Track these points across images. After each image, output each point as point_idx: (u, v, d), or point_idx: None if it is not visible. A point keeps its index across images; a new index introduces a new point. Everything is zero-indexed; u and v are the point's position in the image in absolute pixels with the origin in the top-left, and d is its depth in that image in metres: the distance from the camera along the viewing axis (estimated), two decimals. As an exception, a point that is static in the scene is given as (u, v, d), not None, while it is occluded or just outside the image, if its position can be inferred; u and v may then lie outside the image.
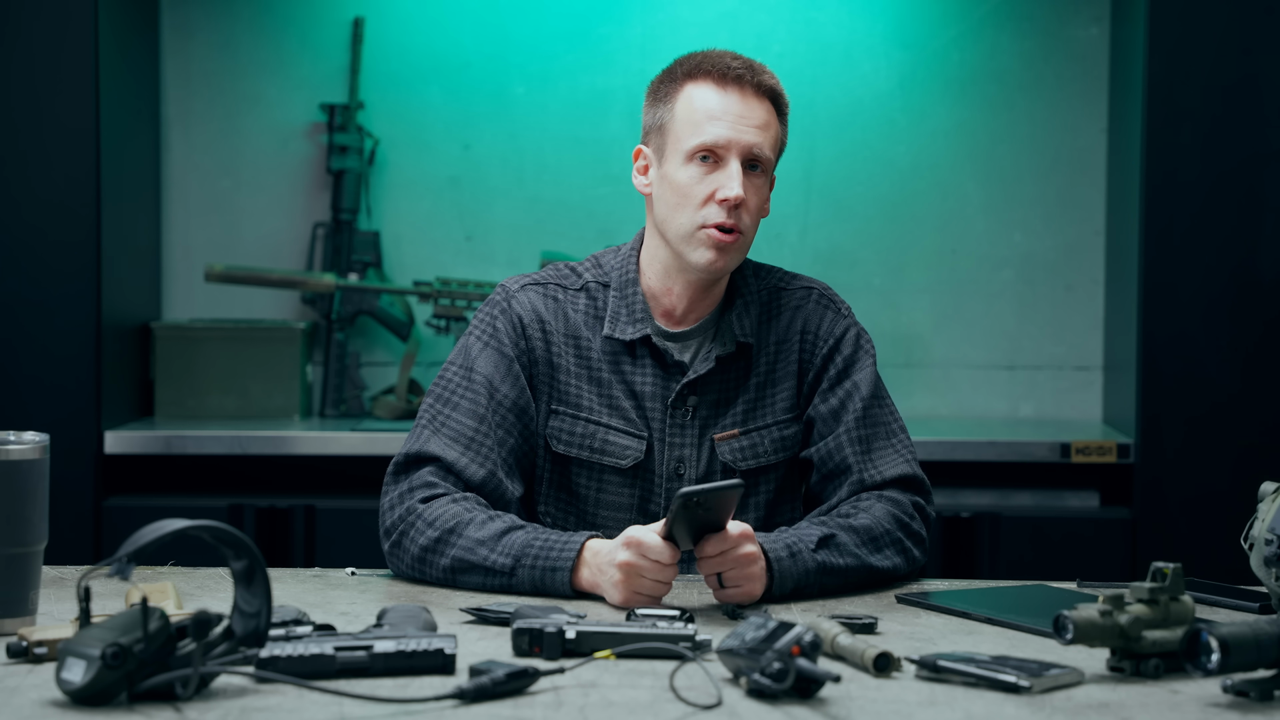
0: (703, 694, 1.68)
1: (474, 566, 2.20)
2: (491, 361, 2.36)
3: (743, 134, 2.30)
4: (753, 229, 2.34)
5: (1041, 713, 1.66)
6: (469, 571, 2.21)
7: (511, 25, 4.25)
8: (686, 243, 2.32)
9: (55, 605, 2.06)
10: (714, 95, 2.32)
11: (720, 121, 2.30)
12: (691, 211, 2.31)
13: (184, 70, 4.23)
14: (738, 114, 2.31)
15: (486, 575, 2.20)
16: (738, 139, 2.30)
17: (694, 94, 2.33)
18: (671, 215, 2.33)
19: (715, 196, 2.29)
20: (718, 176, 2.30)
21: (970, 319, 4.29)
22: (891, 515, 2.30)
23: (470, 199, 4.28)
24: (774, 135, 2.34)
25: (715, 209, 2.30)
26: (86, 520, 3.77)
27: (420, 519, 2.24)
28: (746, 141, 2.30)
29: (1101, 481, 3.93)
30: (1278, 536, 1.98)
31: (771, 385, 2.41)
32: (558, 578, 2.16)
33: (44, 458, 1.91)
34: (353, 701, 1.63)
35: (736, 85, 2.32)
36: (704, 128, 2.31)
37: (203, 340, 4.06)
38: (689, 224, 2.31)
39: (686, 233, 2.32)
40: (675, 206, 2.32)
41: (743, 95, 2.32)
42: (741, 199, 2.29)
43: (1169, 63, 3.76)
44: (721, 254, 2.31)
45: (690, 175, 2.31)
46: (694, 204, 2.31)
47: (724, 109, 2.31)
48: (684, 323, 2.40)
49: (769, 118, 2.33)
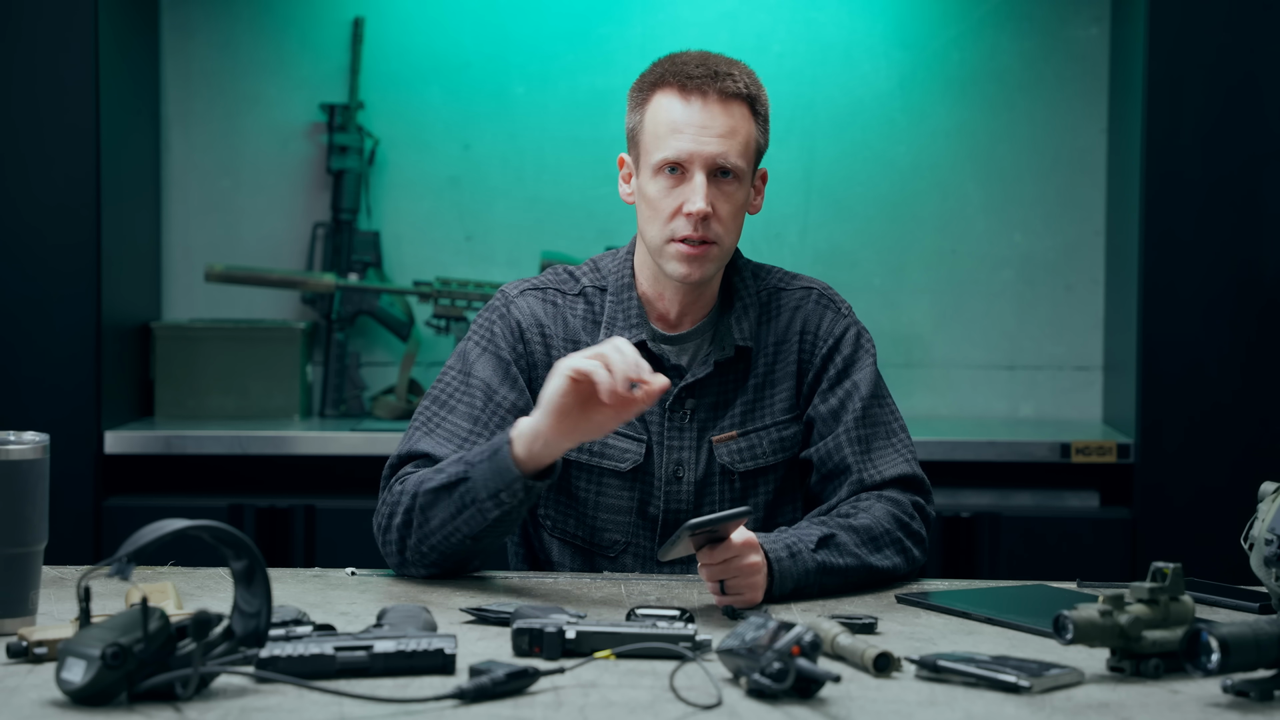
0: (703, 694, 1.68)
1: (437, 492, 2.18)
2: (490, 366, 2.35)
3: (704, 145, 2.28)
4: (729, 235, 2.32)
5: (1041, 713, 1.66)
6: (434, 502, 2.18)
7: (511, 25, 4.25)
8: (660, 255, 2.32)
9: (55, 605, 2.06)
10: (677, 106, 2.30)
11: (682, 134, 2.28)
12: (661, 224, 2.30)
13: (184, 70, 4.23)
14: (700, 124, 2.28)
15: (449, 493, 2.17)
16: (699, 151, 2.28)
17: (660, 104, 2.31)
18: (646, 227, 2.33)
19: (682, 210, 2.29)
20: (683, 190, 2.29)
21: (970, 319, 4.29)
22: (891, 515, 2.30)
23: (470, 199, 4.28)
24: (743, 140, 2.31)
25: (683, 222, 2.29)
26: (86, 520, 3.77)
27: (402, 495, 2.23)
28: (709, 153, 2.28)
29: (1101, 481, 3.93)
30: (1278, 536, 1.98)
31: (770, 386, 2.40)
32: (500, 455, 2.13)
33: (44, 458, 1.91)
34: (353, 701, 1.63)
35: (699, 94, 2.29)
36: (666, 141, 2.29)
37: (203, 340, 4.06)
38: (660, 236, 2.31)
39: (659, 245, 2.32)
40: (648, 219, 2.32)
41: (705, 104, 2.29)
42: (706, 212, 2.27)
43: (1169, 63, 3.76)
44: (693, 266, 2.30)
45: (658, 188, 2.30)
46: (663, 217, 2.30)
47: (686, 120, 2.29)
48: (680, 326, 2.40)
49: (736, 123, 2.30)
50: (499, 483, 2.14)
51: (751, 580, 2.11)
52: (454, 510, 2.18)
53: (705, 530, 2.04)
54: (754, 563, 2.10)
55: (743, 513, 2.05)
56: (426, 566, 2.24)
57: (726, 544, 2.08)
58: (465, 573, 2.27)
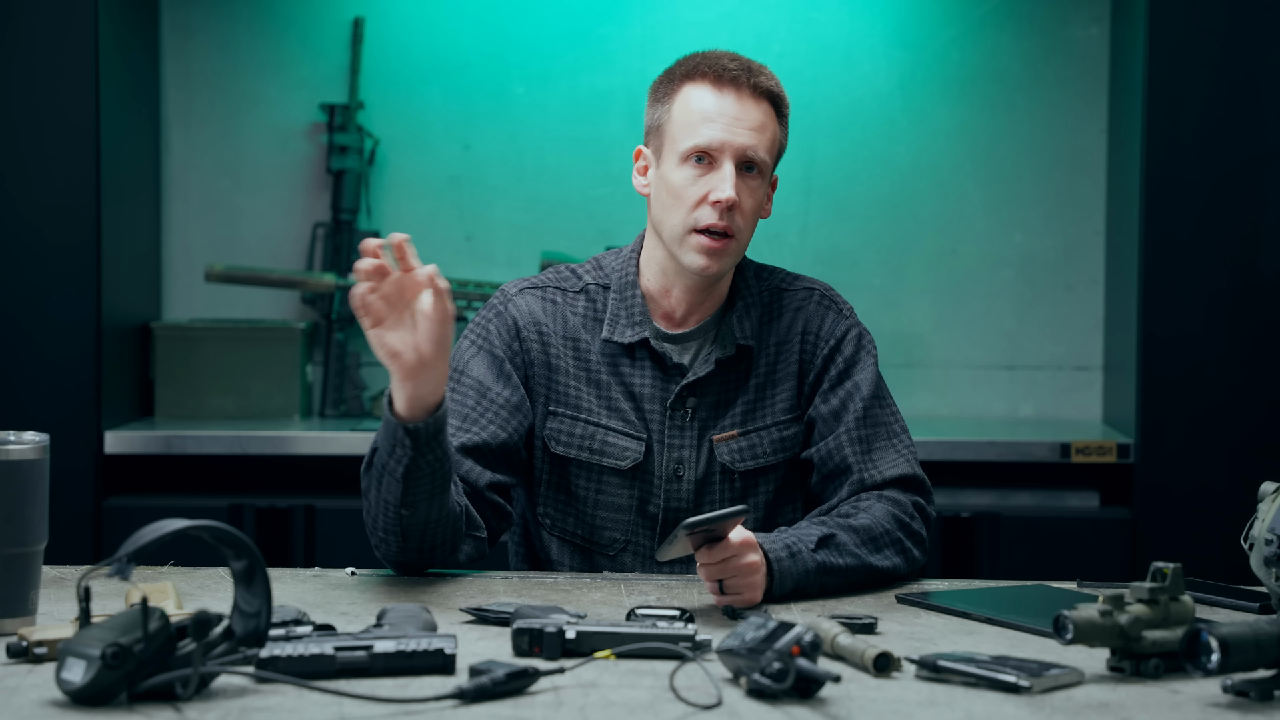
0: (703, 694, 1.68)
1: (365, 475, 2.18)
2: (484, 364, 2.36)
3: (736, 136, 2.30)
4: (748, 231, 2.33)
5: (1041, 713, 1.66)
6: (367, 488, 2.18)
7: (511, 25, 4.25)
8: (679, 245, 2.32)
9: (55, 605, 2.06)
10: (710, 97, 2.32)
11: (715, 123, 2.30)
12: (684, 213, 2.31)
13: (184, 70, 4.23)
14: (733, 116, 2.31)
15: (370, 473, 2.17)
16: (731, 141, 2.30)
17: (690, 95, 2.33)
18: (665, 216, 2.33)
19: (708, 198, 2.29)
20: (711, 178, 2.30)
21: (970, 319, 4.29)
22: (891, 515, 2.30)
23: (470, 199, 4.28)
24: (770, 137, 2.33)
25: (708, 210, 2.30)
26: (86, 520, 3.77)
27: None
28: (740, 143, 2.30)
29: (1101, 481, 3.93)
30: (1278, 536, 1.98)
31: (771, 386, 2.41)
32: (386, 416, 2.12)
33: (44, 458, 1.91)
34: (353, 701, 1.63)
35: (733, 87, 2.32)
36: (698, 129, 2.30)
37: (203, 340, 4.06)
38: (681, 226, 2.31)
39: (679, 234, 2.32)
40: (669, 207, 2.32)
41: (739, 97, 2.31)
42: (734, 201, 2.29)
43: (1169, 63, 3.76)
44: (713, 259, 2.31)
45: (684, 176, 2.31)
46: (687, 205, 2.31)
47: (719, 110, 2.31)
48: (684, 325, 2.40)
49: (765, 119, 2.33)
50: (391, 439, 2.13)
51: (750, 580, 2.10)
52: (376, 483, 2.17)
53: (702, 529, 2.04)
54: (753, 562, 2.10)
55: (739, 511, 2.04)
56: (397, 554, 2.22)
57: (725, 543, 2.08)
58: (448, 558, 2.25)
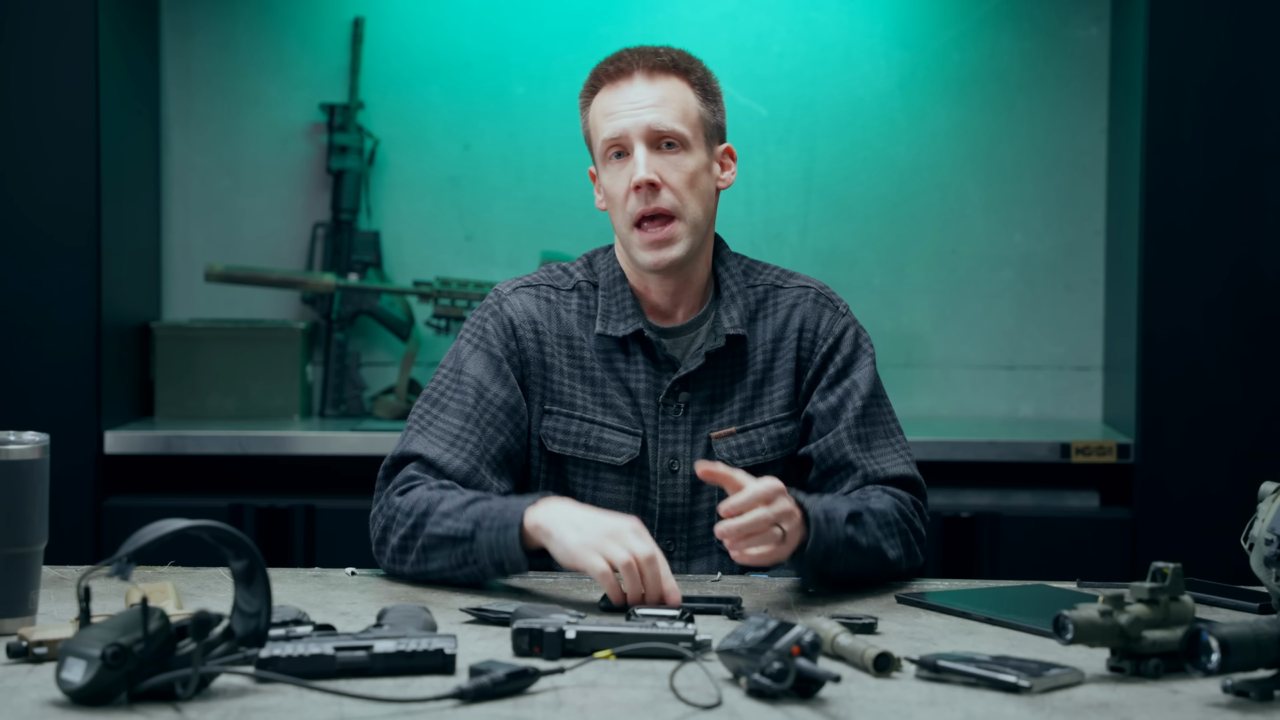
0: (703, 694, 1.68)
1: (441, 540, 2.19)
2: (481, 363, 2.36)
3: (638, 116, 2.32)
4: (694, 205, 2.33)
5: (1041, 713, 1.66)
6: (438, 547, 2.19)
7: (511, 25, 4.25)
8: (631, 248, 2.35)
9: (55, 605, 2.06)
10: (608, 95, 2.36)
11: (616, 115, 2.34)
12: (621, 212, 2.34)
13: (184, 70, 4.23)
14: (630, 101, 2.34)
15: (453, 546, 2.18)
16: (634, 123, 2.32)
17: (596, 101, 2.38)
18: (614, 221, 2.37)
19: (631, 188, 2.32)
20: (629, 167, 2.33)
21: (970, 319, 4.29)
22: (898, 509, 2.30)
23: (470, 199, 4.28)
24: (679, 107, 2.33)
25: (634, 199, 2.32)
26: (86, 520, 3.77)
27: (399, 511, 2.24)
28: (643, 122, 2.32)
29: (1101, 481, 3.93)
30: (1278, 536, 1.98)
31: (768, 383, 2.41)
32: (509, 535, 2.14)
33: (44, 458, 1.91)
34: (353, 701, 1.63)
35: (625, 77, 2.35)
36: (604, 126, 2.35)
37: (203, 340, 4.06)
38: (624, 226, 2.34)
39: (626, 236, 2.35)
40: (612, 214, 2.37)
41: (632, 83, 2.34)
42: (650, 180, 2.30)
43: (1169, 63, 3.76)
44: (662, 249, 2.32)
45: (610, 176, 2.35)
46: (619, 203, 2.34)
47: (617, 102, 2.34)
48: (674, 319, 2.41)
49: (668, 92, 2.34)
50: (503, 555, 2.16)
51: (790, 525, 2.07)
52: (455, 562, 2.20)
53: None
54: (787, 509, 2.09)
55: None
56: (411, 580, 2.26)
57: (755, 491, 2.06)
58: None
